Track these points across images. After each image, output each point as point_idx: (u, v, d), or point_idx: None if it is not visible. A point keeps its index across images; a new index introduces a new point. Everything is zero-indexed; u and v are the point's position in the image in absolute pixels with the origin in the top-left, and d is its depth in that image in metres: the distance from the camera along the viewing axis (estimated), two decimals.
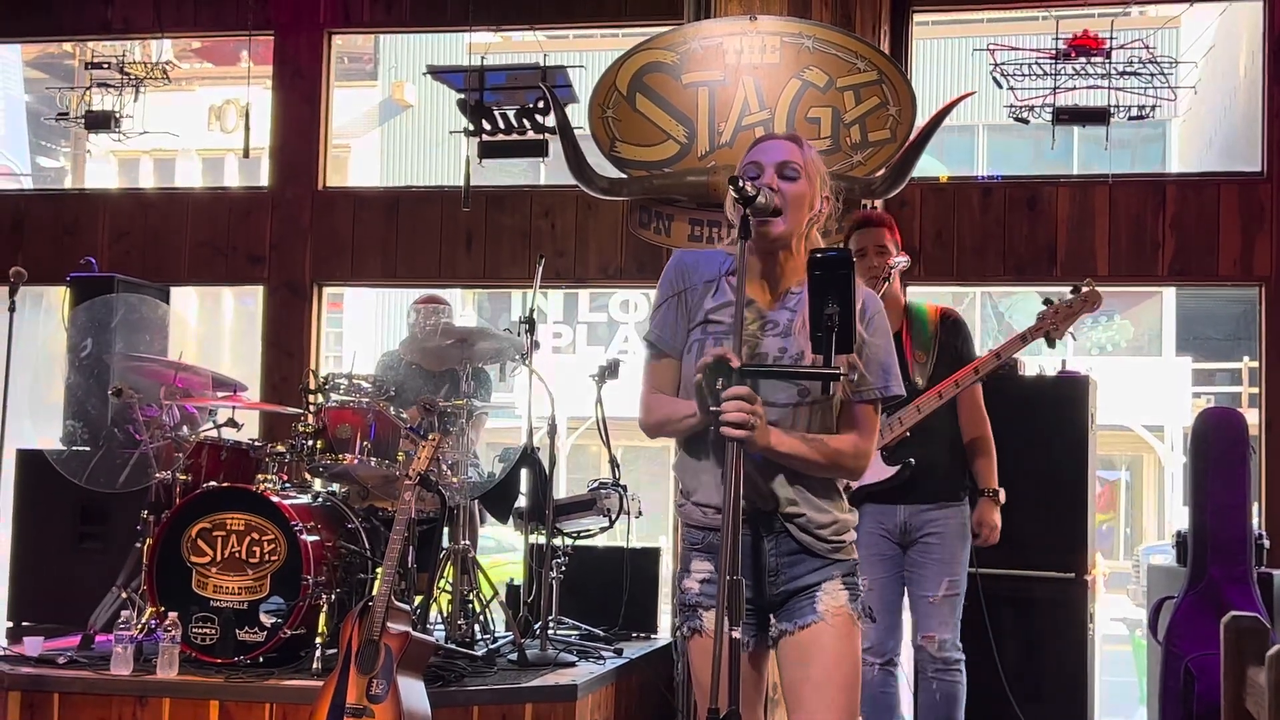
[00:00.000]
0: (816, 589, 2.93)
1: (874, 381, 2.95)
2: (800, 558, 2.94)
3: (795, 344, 2.91)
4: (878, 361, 2.95)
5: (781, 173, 2.96)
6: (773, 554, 2.94)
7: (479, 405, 5.91)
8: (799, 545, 2.93)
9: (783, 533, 2.93)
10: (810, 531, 2.93)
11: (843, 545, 2.97)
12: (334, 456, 5.34)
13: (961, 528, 4.86)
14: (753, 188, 2.82)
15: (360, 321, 19.90)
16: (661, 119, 5.70)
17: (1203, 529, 5.15)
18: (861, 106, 5.55)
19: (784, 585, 2.95)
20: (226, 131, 19.57)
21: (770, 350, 2.92)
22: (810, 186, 2.97)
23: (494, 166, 7.31)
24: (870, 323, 2.95)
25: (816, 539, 2.93)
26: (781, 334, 2.93)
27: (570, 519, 5.78)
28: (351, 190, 9.08)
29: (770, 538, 2.93)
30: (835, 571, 2.95)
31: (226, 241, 7.89)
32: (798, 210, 2.94)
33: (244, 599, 4.97)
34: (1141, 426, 18.60)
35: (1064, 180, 7.17)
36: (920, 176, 6.80)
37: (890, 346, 2.98)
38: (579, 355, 19.56)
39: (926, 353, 4.89)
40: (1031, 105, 6.74)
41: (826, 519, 2.95)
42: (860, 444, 2.95)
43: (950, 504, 4.86)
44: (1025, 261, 6.98)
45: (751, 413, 2.68)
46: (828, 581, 2.94)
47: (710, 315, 2.97)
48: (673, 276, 3.03)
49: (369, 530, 5.36)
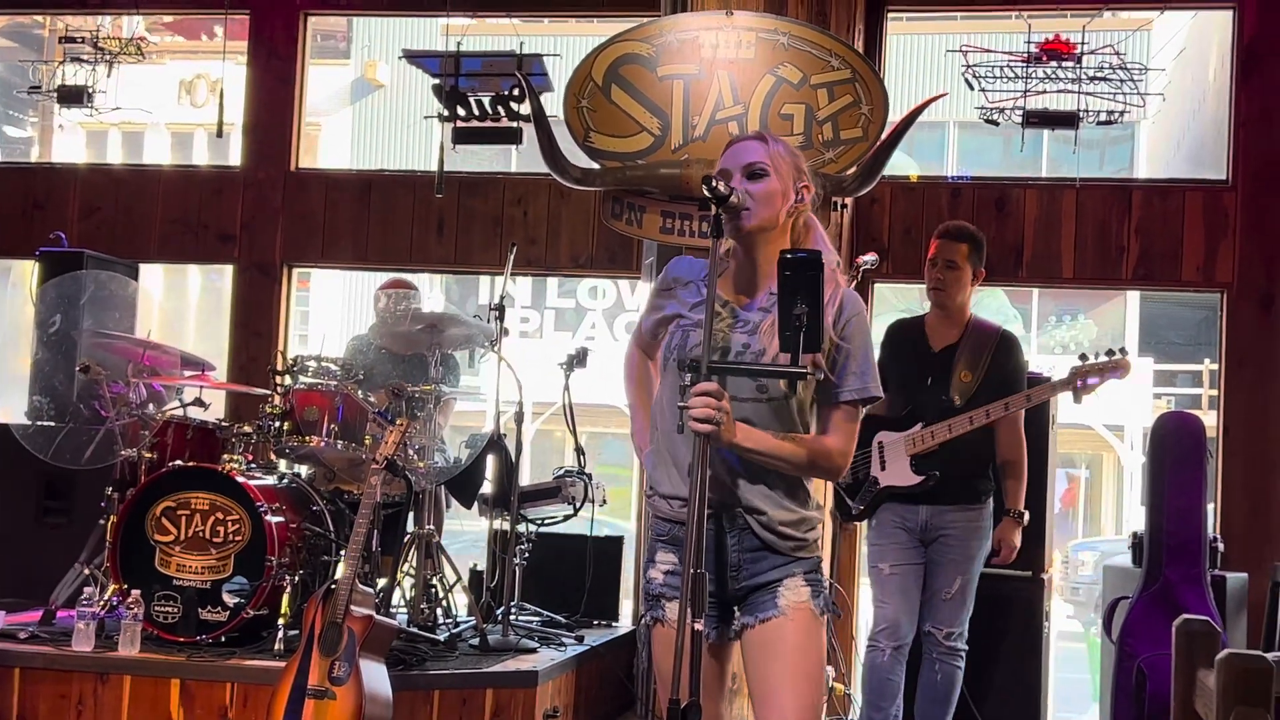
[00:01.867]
0: (778, 585, 2.96)
1: (852, 384, 2.97)
2: (762, 554, 2.97)
3: (759, 342, 2.95)
4: (855, 364, 2.96)
5: (749, 173, 2.99)
6: (735, 549, 2.97)
7: (447, 391, 5.92)
8: (761, 542, 2.97)
9: (745, 529, 2.96)
10: (772, 529, 2.96)
11: (805, 543, 3.00)
12: (300, 438, 5.34)
13: (980, 530, 5.03)
14: (725, 186, 2.86)
15: (327, 302, 19.82)
16: (636, 111, 5.72)
17: (1159, 530, 5.22)
18: (834, 104, 5.58)
19: (745, 580, 2.98)
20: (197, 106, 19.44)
21: (734, 346, 2.96)
22: (781, 180, 2.99)
23: (466, 152, 7.31)
24: (848, 324, 2.96)
25: (778, 536, 2.96)
26: (749, 332, 2.97)
27: (535, 506, 5.80)
28: (324, 172, 9.05)
29: (733, 533, 2.97)
30: (797, 569, 2.98)
31: (197, 219, 7.86)
32: (768, 205, 2.97)
33: (207, 578, 4.97)
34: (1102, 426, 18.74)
35: (1032, 183, 7.22)
36: (891, 175, 6.85)
37: (869, 349, 2.99)
38: (546, 340, 19.54)
39: (973, 373, 5.01)
40: (1002, 107, 6.80)
41: (789, 517, 2.98)
42: (836, 445, 2.97)
43: (970, 507, 5.02)
44: (992, 261, 6.98)
45: (718, 408, 2.72)
46: (789, 578, 2.97)
47: (683, 311, 3.02)
48: (658, 279, 3.15)
49: (334, 513, 5.36)
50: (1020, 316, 18.27)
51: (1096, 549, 14.95)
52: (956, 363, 5.03)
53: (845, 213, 6.32)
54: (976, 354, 5.05)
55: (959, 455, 4.98)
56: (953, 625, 5.00)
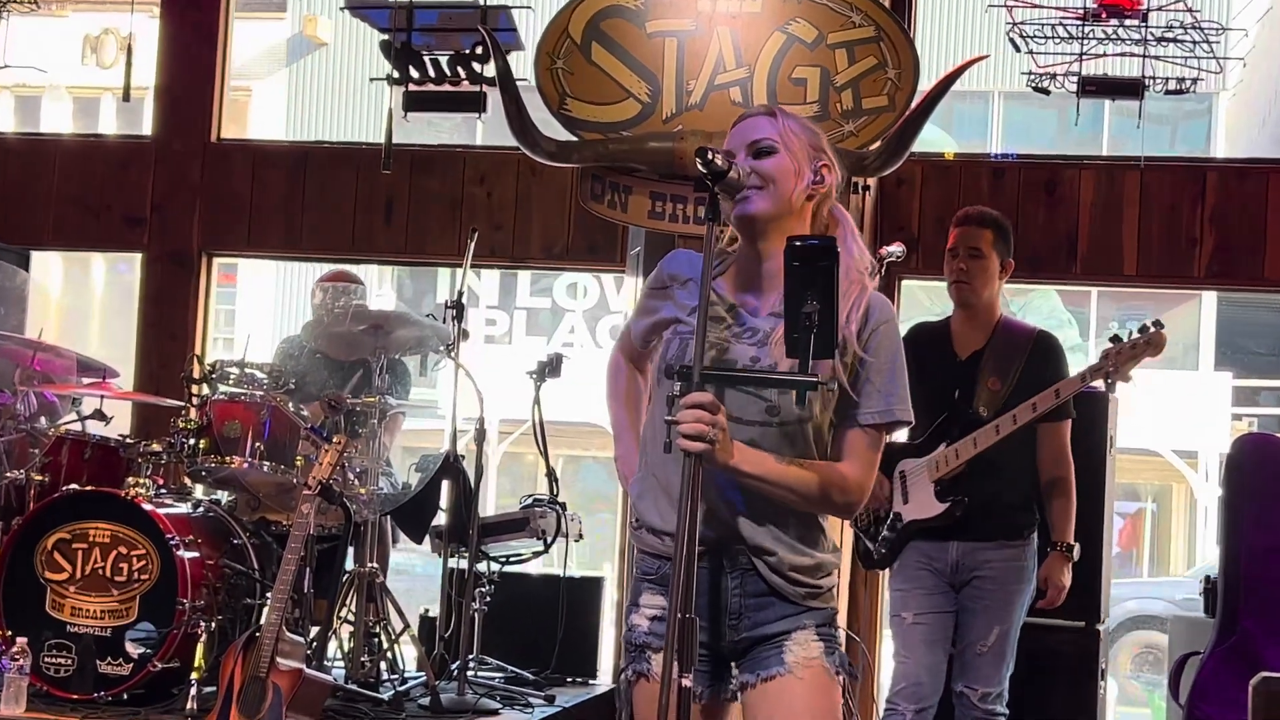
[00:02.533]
0: (784, 638, 2.94)
1: (874, 404, 2.94)
2: (768, 601, 2.95)
3: (770, 354, 2.91)
4: (880, 381, 2.94)
5: (754, 150, 2.97)
6: (735, 593, 2.95)
7: (394, 403, 5.91)
8: (768, 587, 2.94)
9: (749, 570, 2.94)
10: (782, 573, 2.93)
11: (820, 592, 2.98)
12: (220, 459, 5.33)
13: (1021, 571, 5.00)
14: (723, 160, 2.84)
15: (255, 299, 19.81)
16: (621, 73, 5.72)
17: (1235, 574, 5.22)
18: (855, 67, 5.59)
19: (746, 631, 2.96)
20: (104, 67, 19.40)
21: (740, 359, 2.92)
22: (793, 158, 2.98)
23: (421, 122, 7.30)
24: (875, 334, 2.94)
25: (788, 581, 2.94)
26: (758, 342, 2.94)
27: (498, 541, 5.78)
28: (251, 144, 9.03)
29: (734, 574, 2.94)
30: (808, 620, 2.96)
31: (100, 199, 7.83)
32: (776, 185, 2.95)
33: (107, 624, 4.95)
34: (1171, 452, 18.76)
35: (1089, 162, 7.22)
36: (922, 151, 6.85)
37: (897, 364, 2.96)
38: (516, 347, 19.54)
39: (1004, 381, 5.01)
40: (1054, 73, 6.80)
41: (803, 560, 2.95)
42: (853, 475, 2.94)
43: (1010, 543, 5.00)
44: (1041, 255, 7.04)
45: (712, 423, 2.70)
46: (798, 631, 2.94)
47: (681, 315, 3.01)
48: (652, 276, 3.15)
49: (259, 547, 5.35)
50: (1075, 322, 18.30)
51: (1161, 595, 14.95)
52: (983, 369, 5.02)
53: (867, 196, 6.32)
54: (1007, 359, 5.04)
55: (994, 480, 4.97)
56: (990, 685, 4.97)
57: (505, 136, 5.94)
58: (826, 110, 5.56)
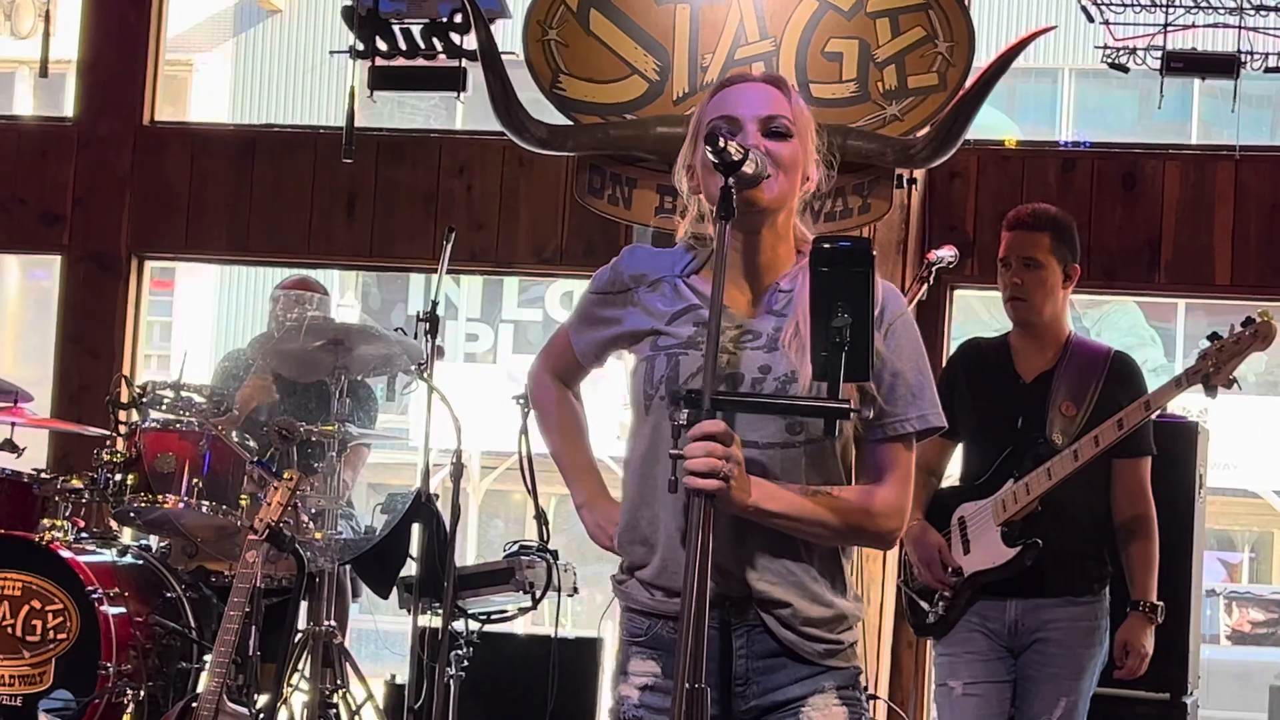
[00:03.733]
0: (801, 704, 2.93)
1: (906, 411, 2.95)
2: (780, 662, 2.94)
3: (784, 361, 2.90)
4: (905, 383, 2.94)
5: (768, 129, 2.96)
6: (743, 655, 2.94)
7: (356, 432, 5.92)
8: (780, 645, 2.93)
9: (757, 626, 2.94)
10: (794, 628, 2.93)
11: (840, 648, 2.97)
12: (151, 497, 5.34)
13: (1091, 632, 4.96)
14: (738, 149, 2.83)
15: (196, 310, 19.83)
16: (624, 46, 5.73)
17: None
18: (900, 40, 5.60)
19: (755, 699, 2.94)
20: (18, 37, 19.44)
21: (749, 371, 2.92)
22: (804, 149, 3.00)
23: (390, 102, 7.32)
24: (892, 330, 2.94)
25: (803, 637, 2.93)
26: (763, 347, 2.93)
27: (478, 595, 5.79)
28: (191, 128, 9.06)
29: (740, 632, 2.94)
30: (827, 682, 2.95)
31: (11, 192, 7.86)
32: (788, 176, 2.96)
33: (18, 691, 4.96)
34: (1273, 493, 18.76)
35: (1175, 152, 7.23)
36: (979, 139, 6.86)
37: (923, 362, 2.97)
38: (500, 366, 19.57)
39: (1079, 406, 4.98)
40: (1134, 47, 6.81)
41: (822, 612, 2.94)
42: (891, 497, 2.94)
43: (1078, 600, 4.96)
44: (1119, 261, 7.05)
45: (726, 457, 2.70)
46: (816, 695, 2.93)
47: (660, 325, 2.99)
48: (600, 279, 3.13)
49: (196, 601, 5.36)
50: (1159, 339, 18.30)
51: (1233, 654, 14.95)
52: (1054, 394, 5.01)
53: (914, 190, 6.32)
54: (1081, 381, 5.03)
55: (1059, 525, 4.95)
56: None
57: (488, 120, 5.94)
58: (866, 90, 5.57)
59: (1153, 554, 5.04)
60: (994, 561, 4.95)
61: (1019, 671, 5.00)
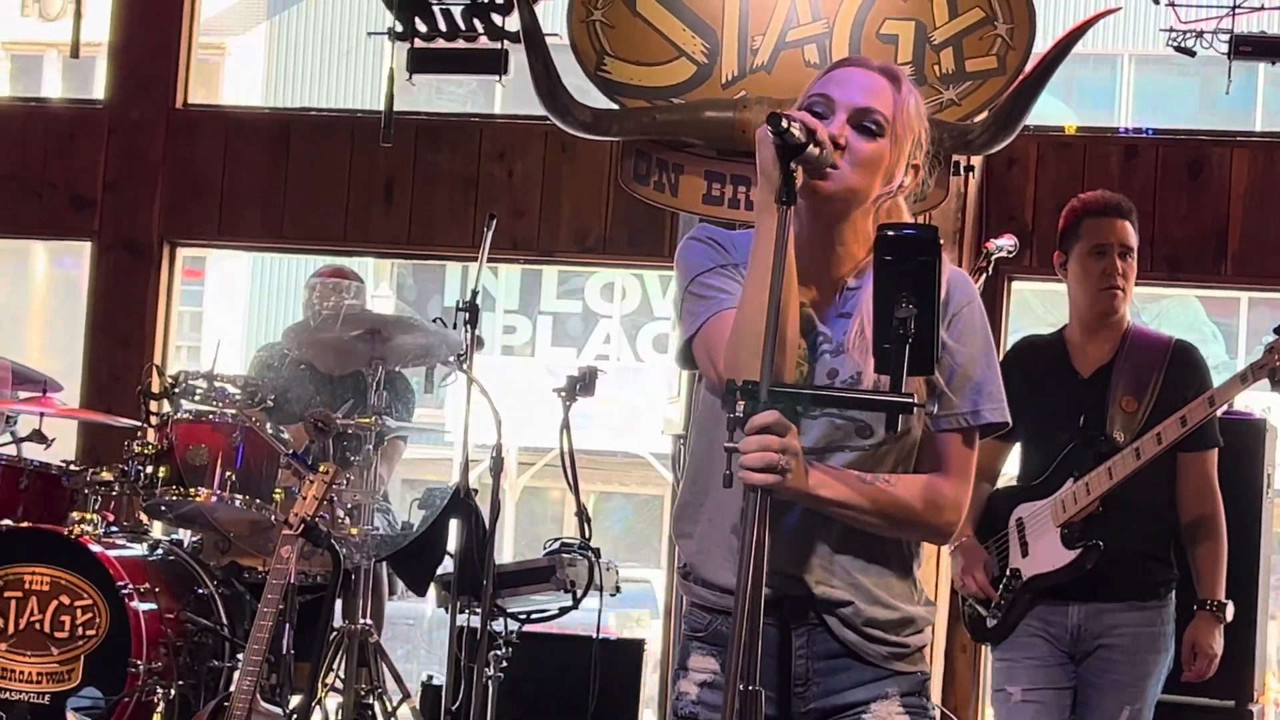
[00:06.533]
0: (864, 709, 2.93)
1: (971, 401, 2.93)
2: (843, 663, 2.94)
3: (850, 365, 2.89)
4: (974, 374, 2.93)
5: (859, 123, 2.89)
6: (802, 655, 2.94)
7: (393, 425, 5.92)
8: (842, 646, 2.93)
9: (817, 626, 2.93)
10: (856, 628, 2.92)
11: (906, 652, 2.96)
12: (182, 490, 5.35)
13: (1156, 638, 4.94)
14: (802, 131, 2.78)
15: (229, 299, 19.91)
16: (672, 28, 5.72)
17: None
18: (958, 21, 5.58)
19: (815, 701, 2.94)
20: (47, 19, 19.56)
21: (818, 378, 2.90)
22: (896, 150, 2.92)
23: (429, 86, 7.32)
24: (957, 318, 2.92)
25: (867, 639, 2.93)
26: (832, 350, 2.92)
27: (518, 594, 5.79)
28: (225, 111, 9.06)
29: (800, 631, 2.93)
30: (891, 688, 2.94)
31: (41, 176, 7.88)
32: (866, 172, 2.90)
33: (46, 689, 4.97)
34: None
35: (1242, 139, 7.19)
36: (1038, 125, 6.82)
37: (991, 353, 2.96)
38: (539, 358, 19.59)
39: (1140, 400, 4.95)
40: (1200, 31, 6.77)
41: (886, 614, 2.94)
42: (951, 488, 2.93)
43: (1143, 604, 4.94)
44: (1182, 253, 7.01)
45: (783, 449, 2.68)
46: (879, 701, 2.93)
47: None
48: (712, 250, 2.98)
49: (228, 598, 5.37)
50: (1220, 335, 18.19)
51: None
52: (1114, 389, 4.97)
53: (971, 178, 6.30)
54: (1142, 373, 4.98)
55: (1123, 526, 4.92)
56: None
57: (530, 104, 5.93)
58: (922, 73, 5.55)
59: (1221, 553, 5.01)
60: (1054, 564, 4.93)
61: (1080, 678, 4.97)
